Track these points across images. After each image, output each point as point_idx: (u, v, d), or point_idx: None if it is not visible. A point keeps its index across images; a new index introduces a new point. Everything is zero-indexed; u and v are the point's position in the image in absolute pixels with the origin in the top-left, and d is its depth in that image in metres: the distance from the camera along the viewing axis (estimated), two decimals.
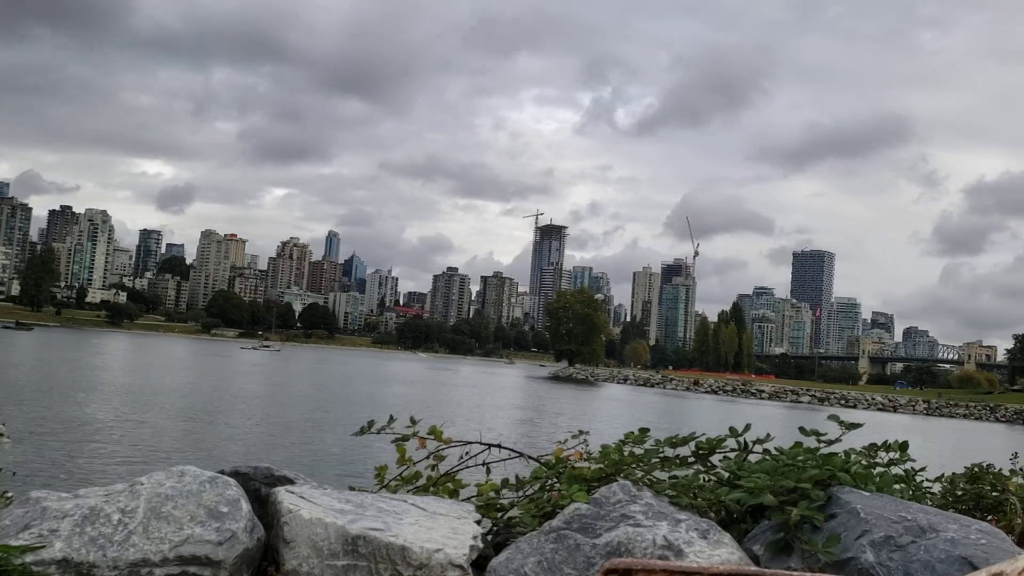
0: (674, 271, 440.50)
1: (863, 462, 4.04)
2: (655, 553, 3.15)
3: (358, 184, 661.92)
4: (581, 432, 4.73)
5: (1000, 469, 4.76)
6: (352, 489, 4.26)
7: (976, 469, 4.66)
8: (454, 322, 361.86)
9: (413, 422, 4.61)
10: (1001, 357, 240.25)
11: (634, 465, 3.97)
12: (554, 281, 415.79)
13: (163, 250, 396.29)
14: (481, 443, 4.71)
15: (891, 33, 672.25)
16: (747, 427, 4.20)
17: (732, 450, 4.16)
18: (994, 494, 4.44)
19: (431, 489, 4.42)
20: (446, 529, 3.47)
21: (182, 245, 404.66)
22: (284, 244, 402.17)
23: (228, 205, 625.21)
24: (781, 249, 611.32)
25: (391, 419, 4.63)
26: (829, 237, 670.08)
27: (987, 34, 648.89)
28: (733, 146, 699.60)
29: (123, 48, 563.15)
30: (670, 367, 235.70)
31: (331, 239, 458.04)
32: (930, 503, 4.19)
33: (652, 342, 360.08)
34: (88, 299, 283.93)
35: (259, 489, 3.79)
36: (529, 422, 44.03)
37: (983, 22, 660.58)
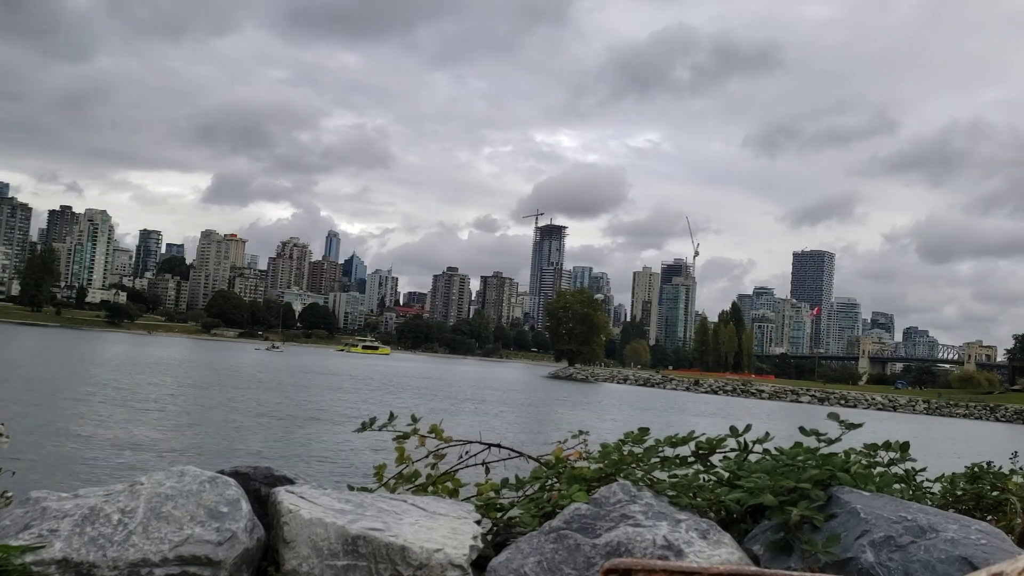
0: (674, 271, 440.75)
1: (863, 462, 4.04)
2: (655, 553, 3.15)
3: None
4: (581, 432, 4.73)
5: (1000, 467, 4.76)
6: (351, 488, 4.26)
7: (976, 469, 4.67)
8: (454, 322, 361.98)
9: (414, 420, 4.61)
10: (1001, 357, 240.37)
11: (634, 465, 3.97)
12: (554, 281, 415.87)
13: (163, 250, 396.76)
14: (481, 442, 4.70)
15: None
16: (747, 427, 4.20)
17: (732, 450, 4.16)
18: (994, 494, 4.45)
19: (430, 488, 4.42)
20: (446, 529, 3.47)
21: (182, 245, 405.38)
22: (284, 244, 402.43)
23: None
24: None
25: (391, 416, 4.62)
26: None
27: None
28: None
29: None
30: (670, 367, 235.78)
31: (331, 239, 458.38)
32: (930, 503, 4.19)
33: (652, 342, 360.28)
34: (88, 299, 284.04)
35: (259, 489, 3.79)
36: (529, 421, 44.05)
37: None
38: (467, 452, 4.69)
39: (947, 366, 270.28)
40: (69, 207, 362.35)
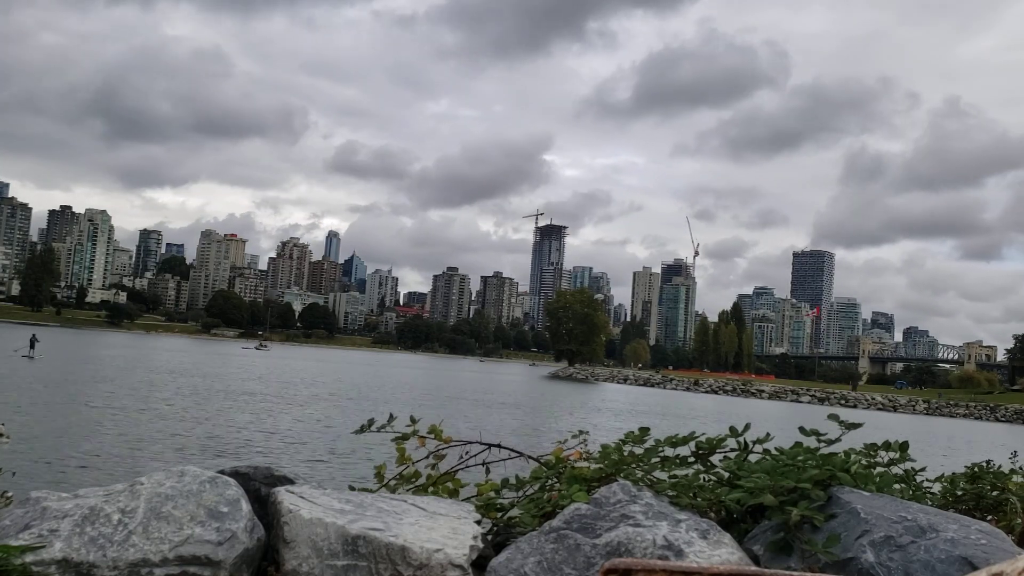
0: (674, 271, 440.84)
1: (863, 462, 4.03)
2: (655, 553, 3.15)
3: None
4: (581, 432, 4.72)
5: (999, 466, 4.76)
6: (352, 489, 4.25)
7: (976, 469, 4.66)
8: (454, 322, 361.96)
9: (413, 421, 4.60)
10: (1001, 357, 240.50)
11: (634, 465, 3.97)
12: (554, 281, 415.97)
13: (163, 250, 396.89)
14: (481, 443, 4.70)
15: None
16: (747, 427, 4.19)
17: (732, 450, 4.15)
18: (994, 494, 4.44)
19: (431, 489, 4.42)
20: (446, 529, 3.47)
21: (182, 245, 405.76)
22: (284, 244, 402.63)
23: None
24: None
25: (391, 417, 4.61)
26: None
27: None
28: None
29: None
30: (670, 367, 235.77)
31: (331, 239, 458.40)
32: (930, 503, 4.19)
33: (652, 342, 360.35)
34: (88, 299, 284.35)
35: (259, 489, 3.79)
36: (529, 422, 44.03)
37: None
38: (467, 452, 4.69)
39: (947, 366, 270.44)
40: (69, 207, 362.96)
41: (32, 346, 62.51)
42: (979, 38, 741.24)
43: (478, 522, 3.67)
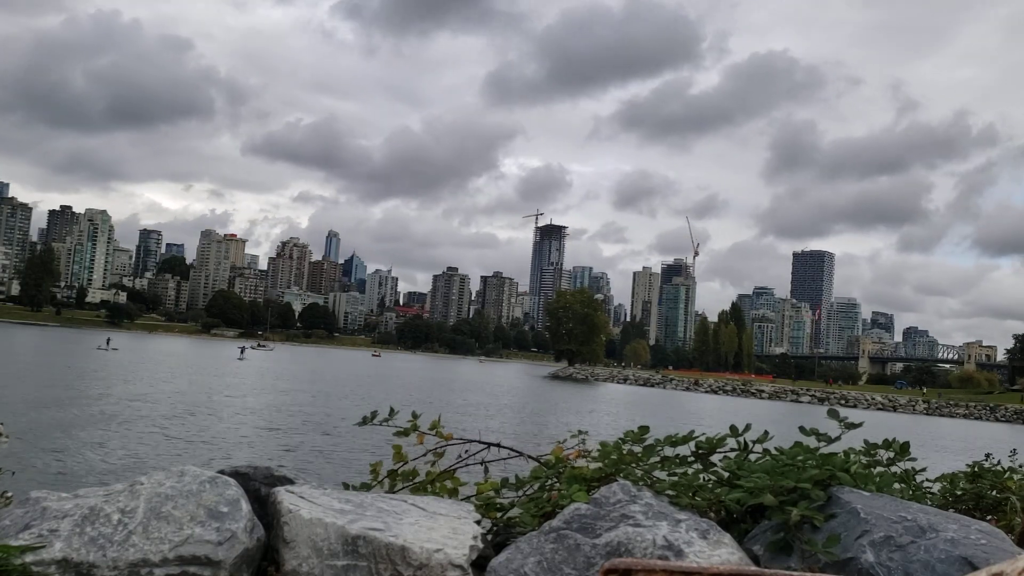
0: (674, 271, 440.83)
1: (863, 461, 4.03)
2: (655, 553, 3.15)
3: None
4: (580, 431, 4.72)
5: (998, 462, 4.76)
6: (346, 486, 4.25)
7: (976, 468, 4.66)
8: (454, 322, 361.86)
9: (415, 416, 4.59)
10: (1001, 357, 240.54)
11: (634, 464, 3.96)
12: (554, 281, 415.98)
13: (163, 250, 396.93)
14: (480, 441, 4.69)
15: None
16: (747, 427, 4.19)
17: (732, 450, 4.14)
18: (993, 493, 4.44)
19: (429, 487, 4.41)
20: (446, 529, 3.46)
21: (182, 245, 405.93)
22: (284, 244, 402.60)
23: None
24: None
25: (392, 411, 4.60)
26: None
27: None
28: None
29: None
30: (670, 367, 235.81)
31: (331, 239, 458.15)
32: (930, 503, 4.19)
33: (652, 342, 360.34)
34: (88, 299, 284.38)
35: (259, 489, 3.78)
36: (528, 421, 44.03)
37: None
38: (466, 451, 4.67)
39: (947, 366, 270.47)
40: (69, 207, 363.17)
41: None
42: (929, 60, 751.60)
43: (478, 522, 3.67)
